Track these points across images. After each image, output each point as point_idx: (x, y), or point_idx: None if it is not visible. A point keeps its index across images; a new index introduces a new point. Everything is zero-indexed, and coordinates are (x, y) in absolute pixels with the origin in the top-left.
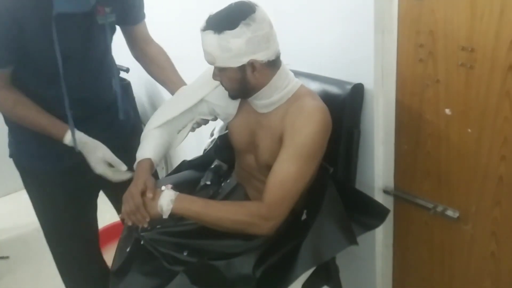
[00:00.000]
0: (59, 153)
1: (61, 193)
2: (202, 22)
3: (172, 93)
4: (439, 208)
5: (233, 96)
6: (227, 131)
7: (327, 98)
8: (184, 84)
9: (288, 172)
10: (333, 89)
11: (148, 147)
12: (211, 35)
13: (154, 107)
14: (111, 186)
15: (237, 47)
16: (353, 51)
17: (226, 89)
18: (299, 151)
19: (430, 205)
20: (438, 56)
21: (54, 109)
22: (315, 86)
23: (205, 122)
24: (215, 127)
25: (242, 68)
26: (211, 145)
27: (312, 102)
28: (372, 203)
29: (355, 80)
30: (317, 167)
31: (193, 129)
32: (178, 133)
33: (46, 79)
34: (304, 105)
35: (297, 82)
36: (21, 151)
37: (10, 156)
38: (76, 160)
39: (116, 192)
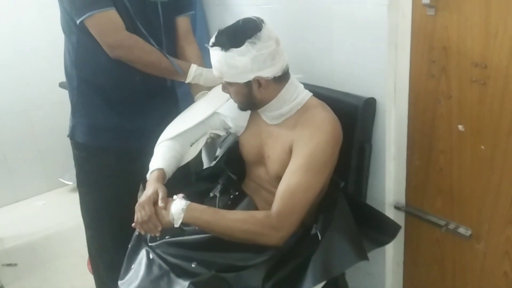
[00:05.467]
0: (124, 131)
1: (115, 173)
2: (211, 38)
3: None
4: (451, 226)
5: (242, 108)
6: (236, 140)
7: (339, 112)
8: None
9: (298, 183)
10: (346, 103)
11: (161, 158)
12: (218, 52)
13: None
14: None
15: (242, 64)
16: (366, 65)
17: (234, 101)
18: (309, 161)
19: (442, 222)
20: (451, 72)
21: None
22: (327, 100)
23: (218, 136)
24: (224, 139)
25: (248, 84)
26: (220, 157)
27: (322, 113)
28: (383, 219)
29: (368, 94)
30: (328, 179)
31: (206, 144)
32: (191, 146)
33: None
34: (314, 116)
35: (307, 94)
36: (84, 125)
37: (70, 133)
38: (137, 146)
39: None
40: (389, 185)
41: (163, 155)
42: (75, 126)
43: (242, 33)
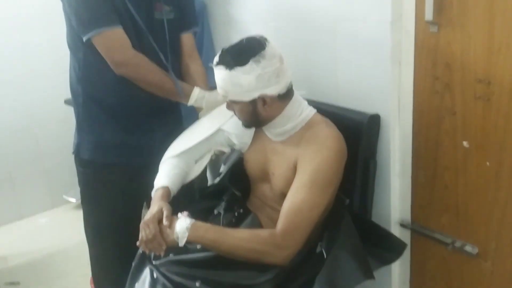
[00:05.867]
0: (129, 147)
1: (119, 190)
2: (215, 57)
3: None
4: (458, 244)
5: (246, 126)
6: (240, 156)
7: (344, 128)
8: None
9: (303, 200)
10: (350, 119)
11: (165, 175)
12: (223, 71)
13: None
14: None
15: (247, 83)
16: (370, 82)
17: (239, 119)
18: (313, 178)
19: (448, 240)
20: (454, 89)
21: None
22: (331, 116)
23: (222, 153)
24: (228, 156)
25: (253, 102)
26: (224, 174)
27: (326, 129)
28: (389, 237)
29: (372, 111)
30: (333, 196)
31: (210, 161)
32: (195, 163)
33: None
34: (318, 133)
35: (311, 110)
36: (90, 142)
37: (75, 150)
38: (141, 162)
39: None
40: (394, 202)
41: (168, 172)
42: (80, 143)
43: (246, 51)
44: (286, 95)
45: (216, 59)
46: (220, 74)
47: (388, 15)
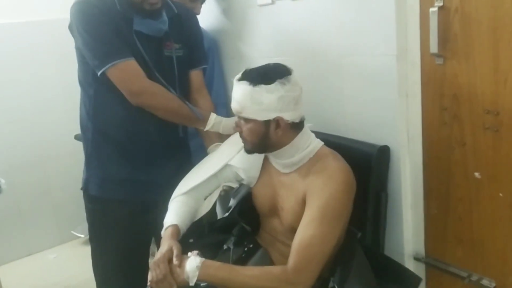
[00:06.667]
0: (137, 183)
1: (128, 226)
2: (237, 74)
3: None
4: (474, 277)
5: (249, 150)
6: (249, 191)
7: (353, 160)
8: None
9: (314, 235)
10: (359, 151)
11: (174, 213)
12: (245, 86)
13: None
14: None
15: (268, 101)
16: (378, 114)
17: (244, 141)
18: (323, 212)
19: (464, 274)
20: (463, 120)
21: None
22: (340, 148)
23: (231, 189)
24: (237, 189)
25: (267, 123)
26: (233, 208)
27: (333, 162)
28: (403, 271)
29: (381, 142)
30: (344, 229)
31: (220, 197)
32: (204, 199)
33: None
34: (326, 166)
35: (318, 143)
36: (98, 177)
37: (84, 186)
38: (150, 198)
39: None
40: (408, 235)
41: (177, 210)
42: (88, 178)
43: (273, 72)
44: (298, 126)
45: (239, 75)
46: (241, 89)
47: (394, 49)
